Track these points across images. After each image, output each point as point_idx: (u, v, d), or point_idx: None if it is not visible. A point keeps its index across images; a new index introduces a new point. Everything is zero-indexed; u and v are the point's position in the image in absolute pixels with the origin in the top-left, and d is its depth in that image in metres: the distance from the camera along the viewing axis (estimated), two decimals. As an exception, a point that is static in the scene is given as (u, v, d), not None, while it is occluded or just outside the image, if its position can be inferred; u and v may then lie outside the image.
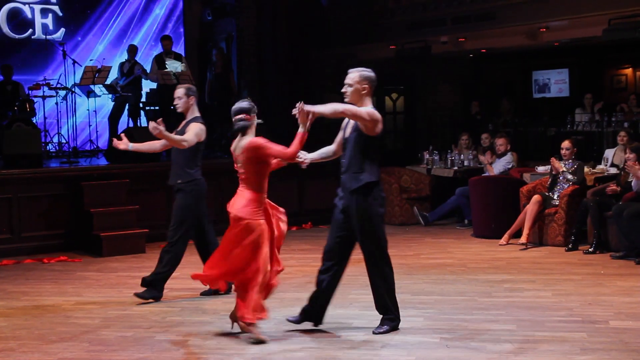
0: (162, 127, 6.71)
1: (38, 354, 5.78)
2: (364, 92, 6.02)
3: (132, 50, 14.10)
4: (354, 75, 6.08)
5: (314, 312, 6.15)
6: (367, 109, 5.88)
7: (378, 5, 14.93)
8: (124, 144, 7.30)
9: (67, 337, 6.23)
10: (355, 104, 5.97)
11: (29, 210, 10.30)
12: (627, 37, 11.53)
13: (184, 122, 7.47)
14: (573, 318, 6.44)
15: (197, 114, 7.48)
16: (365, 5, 15.06)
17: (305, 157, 6.13)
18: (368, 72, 6.10)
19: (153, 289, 7.37)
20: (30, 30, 14.94)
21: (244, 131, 5.97)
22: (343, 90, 6.08)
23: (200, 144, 7.32)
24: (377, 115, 5.89)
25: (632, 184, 9.12)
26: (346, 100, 6.01)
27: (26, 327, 6.57)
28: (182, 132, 7.32)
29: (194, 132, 7.23)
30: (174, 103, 7.50)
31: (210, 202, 11.47)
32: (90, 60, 14.64)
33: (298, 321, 6.15)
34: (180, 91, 7.45)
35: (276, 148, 5.88)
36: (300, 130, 5.73)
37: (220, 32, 16.49)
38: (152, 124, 6.78)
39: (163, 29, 16.05)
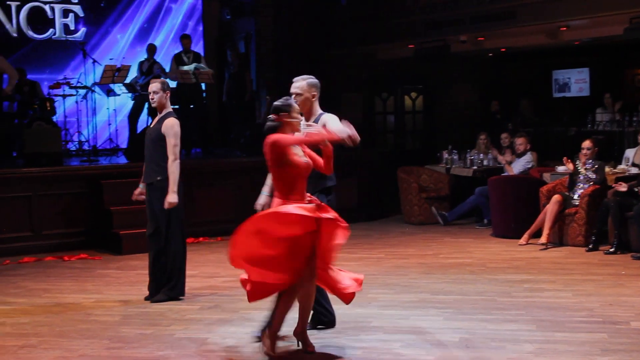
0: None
1: (59, 350, 5.81)
2: (313, 98, 5.98)
3: (151, 49, 14.18)
4: (302, 84, 6.00)
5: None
6: (338, 125, 5.67)
7: (397, 4, 14.90)
8: (141, 194, 7.52)
9: (87, 334, 6.26)
10: (305, 112, 5.91)
11: (49, 208, 10.38)
12: (648, 36, 11.47)
13: (158, 118, 7.36)
14: (594, 319, 6.40)
15: (170, 109, 7.40)
16: (384, 4, 15.02)
17: None
18: (314, 79, 6.06)
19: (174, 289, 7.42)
20: (51, 30, 15.03)
21: (271, 133, 5.42)
22: (294, 99, 5.91)
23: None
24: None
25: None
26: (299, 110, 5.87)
27: (47, 324, 6.61)
28: (156, 129, 7.24)
29: (174, 134, 7.16)
30: (150, 97, 7.37)
31: (228, 202, 11.54)
32: (110, 59, 14.72)
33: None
34: (156, 86, 7.30)
35: (300, 137, 5.46)
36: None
37: (238, 31, 16.54)
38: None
39: (183, 28, 16.11)
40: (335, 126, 5.60)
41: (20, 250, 9.99)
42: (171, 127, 7.20)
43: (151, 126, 7.43)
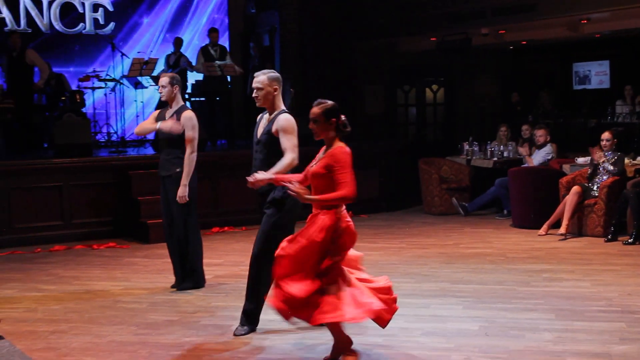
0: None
1: (89, 336, 5.87)
2: (275, 92, 5.89)
3: (178, 42, 14.21)
4: (262, 78, 5.88)
5: None
6: (291, 141, 5.69)
7: (419, -3, 14.86)
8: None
9: (116, 320, 6.32)
10: (268, 106, 5.89)
11: (79, 198, 10.45)
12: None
13: (169, 110, 7.32)
14: (612, 308, 6.37)
15: (182, 102, 7.41)
16: (407, -3, 15.00)
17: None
18: (275, 74, 5.96)
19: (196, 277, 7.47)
20: (82, 24, 15.11)
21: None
22: (254, 95, 5.91)
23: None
24: (295, 125, 5.79)
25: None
26: (258, 104, 5.89)
27: (77, 310, 6.68)
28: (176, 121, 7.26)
29: (192, 126, 7.16)
30: (159, 91, 7.39)
31: (252, 192, 11.60)
32: (138, 52, 14.78)
33: None
34: (164, 80, 7.30)
35: None
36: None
37: (263, 24, 16.54)
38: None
39: (209, 22, 16.14)
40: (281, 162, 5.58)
41: (51, 239, 10.06)
42: (189, 119, 7.19)
43: (166, 118, 7.31)
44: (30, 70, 12.49)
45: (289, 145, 5.67)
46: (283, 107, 5.94)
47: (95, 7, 15.24)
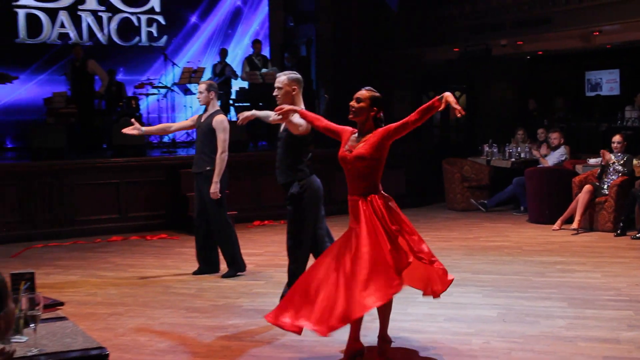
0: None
1: (143, 318, 5.93)
2: (294, 92, 5.77)
3: (223, 53, 14.30)
4: (283, 78, 5.80)
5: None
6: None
7: (443, 11, 14.79)
8: (135, 129, 7.17)
9: (167, 304, 6.37)
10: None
11: (134, 194, 10.54)
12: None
13: (205, 114, 7.38)
14: (621, 297, 6.30)
15: (217, 107, 7.41)
16: (432, 11, 14.93)
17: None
18: (295, 75, 5.85)
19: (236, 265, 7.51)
20: (137, 37, 15.26)
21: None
22: (274, 93, 5.85)
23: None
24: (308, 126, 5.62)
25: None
26: (278, 102, 5.78)
27: (132, 295, 6.75)
28: (207, 123, 7.25)
29: (223, 129, 7.17)
30: (197, 97, 7.48)
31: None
32: (188, 62, 14.87)
33: None
34: (202, 86, 7.35)
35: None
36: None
37: (300, 36, 16.58)
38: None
39: (252, 34, 16.19)
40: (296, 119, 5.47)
41: (109, 231, 10.17)
42: (221, 122, 7.22)
43: (202, 121, 7.39)
44: (92, 78, 12.63)
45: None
46: (302, 106, 5.82)
47: (150, 22, 15.37)
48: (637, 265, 7.64)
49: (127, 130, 7.22)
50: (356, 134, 4.78)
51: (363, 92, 4.74)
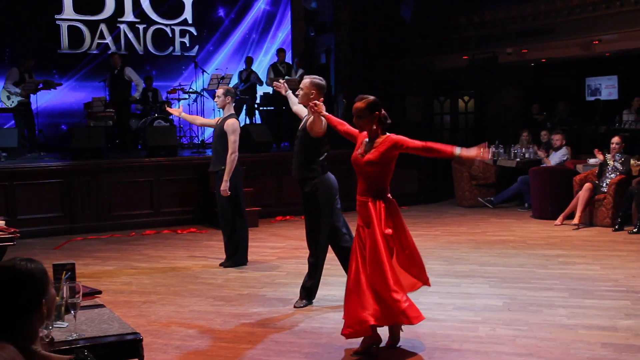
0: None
1: (174, 306, 5.95)
2: (311, 96, 5.65)
3: (249, 61, 14.32)
4: (307, 81, 5.76)
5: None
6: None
7: (453, 22, 14.73)
8: (177, 111, 7.80)
9: (196, 293, 6.39)
10: (306, 105, 5.72)
11: (166, 191, 10.58)
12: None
13: (222, 117, 7.45)
14: (618, 288, 6.23)
15: (232, 111, 7.44)
16: (442, 21, 14.87)
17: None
18: (319, 80, 5.76)
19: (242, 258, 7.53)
20: (171, 47, 15.31)
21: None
22: (296, 92, 5.90)
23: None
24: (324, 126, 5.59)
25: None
26: (299, 101, 5.86)
27: (164, 284, 6.77)
28: (221, 126, 7.30)
29: (233, 131, 7.21)
30: (214, 100, 7.54)
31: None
32: (216, 69, 14.91)
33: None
34: (220, 91, 7.40)
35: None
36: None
37: (321, 45, 16.56)
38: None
39: (276, 43, 16.19)
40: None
41: (143, 225, 10.22)
42: (231, 125, 7.26)
43: (217, 124, 7.45)
44: (128, 84, 12.69)
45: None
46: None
47: (183, 33, 15.42)
48: (633, 258, 7.56)
49: (171, 110, 8.00)
50: (367, 139, 4.74)
51: (359, 105, 4.62)
